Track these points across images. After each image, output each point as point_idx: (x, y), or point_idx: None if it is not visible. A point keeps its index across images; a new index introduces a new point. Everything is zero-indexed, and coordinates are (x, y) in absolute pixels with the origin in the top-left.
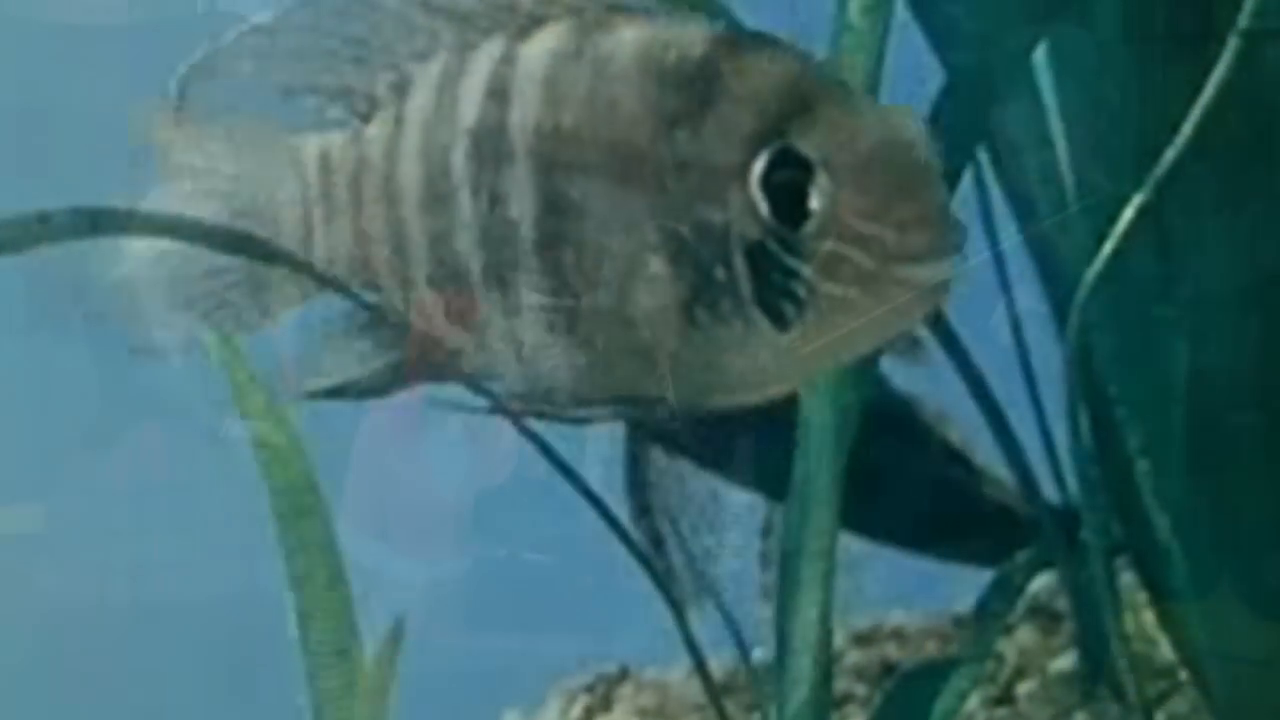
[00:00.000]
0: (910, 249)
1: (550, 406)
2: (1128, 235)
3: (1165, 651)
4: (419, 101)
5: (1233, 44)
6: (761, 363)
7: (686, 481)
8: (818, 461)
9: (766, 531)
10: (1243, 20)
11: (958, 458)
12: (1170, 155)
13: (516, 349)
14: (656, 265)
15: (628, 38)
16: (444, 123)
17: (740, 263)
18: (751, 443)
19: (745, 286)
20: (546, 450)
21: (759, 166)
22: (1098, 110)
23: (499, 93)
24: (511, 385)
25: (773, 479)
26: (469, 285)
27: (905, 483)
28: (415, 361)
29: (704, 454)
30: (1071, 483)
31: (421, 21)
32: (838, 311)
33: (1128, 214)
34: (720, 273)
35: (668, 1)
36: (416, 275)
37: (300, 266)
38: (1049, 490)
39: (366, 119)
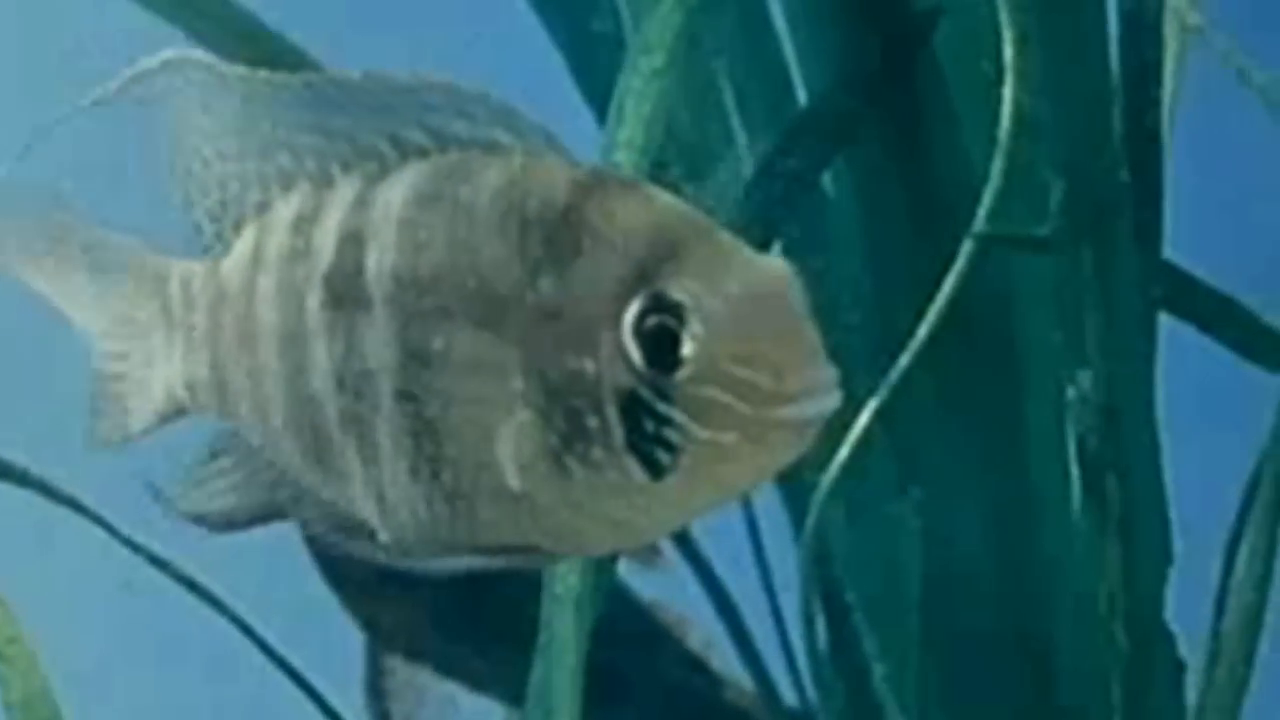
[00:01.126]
0: (786, 391)
1: (414, 558)
2: (863, 438)
3: None
4: (276, 237)
5: (967, 248)
6: (637, 510)
7: (426, 690)
8: (557, 667)
9: None
10: (977, 225)
11: (698, 664)
12: (905, 359)
13: (378, 497)
14: (524, 414)
15: (489, 181)
16: (300, 264)
17: (613, 411)
18: (494, 649)
19: (618, 435)
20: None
21: (630, 313)
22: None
23: (355, 236)
24: (376, 533)
25: (512, 685)
26: (326, 430)
27: (645, 689)
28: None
29: (444, 661)
30: (810, 688)
31: (289, 142)
32: (714, 457)
33: (863, 417)
34: (592, 421)
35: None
36: (273, 414)
37: None
38: (788, 695)
39: (219, 250)
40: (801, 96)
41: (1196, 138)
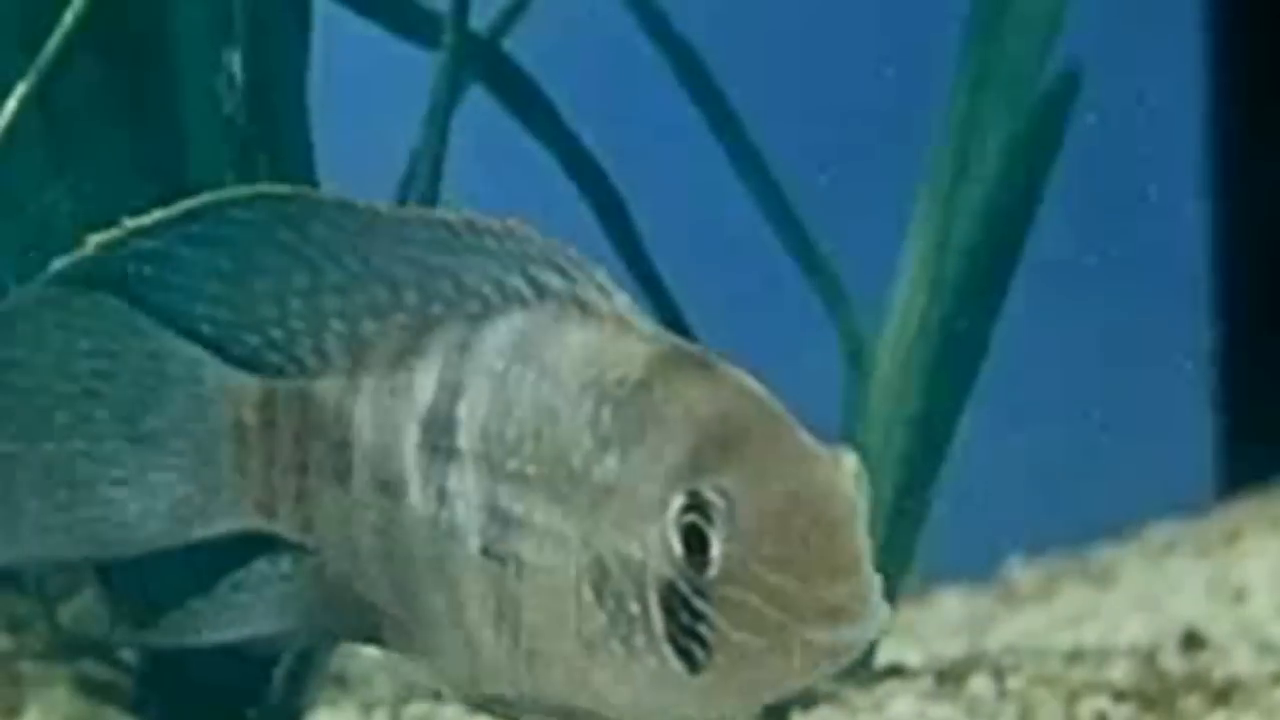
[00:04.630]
0: (817, 600)
1: (499, 706)
2: (13, 125)
3: None
4: (376, 370)
5: None
6: (671, 702)
7: None
8: None
9: None
10: None
11: None
12: (53, 43)
13: (464, 643)
14: (586, 593)
15: (574, 343)
16: (399, 402)
17: (654, 599)
18: None
19: (658, 624)
20: None
21: (674, 506)
22: None
23: (451, 384)
24: (456, 677)
25: None
26: (415, 573)
27: None
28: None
29: None
30: None
31: (386, 274)
32: (746, 661)
33: (11, 104)
34: (635, 607)
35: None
36: (365, 549)
37: None
38: None
39: (309, 372)
40: None
41: None
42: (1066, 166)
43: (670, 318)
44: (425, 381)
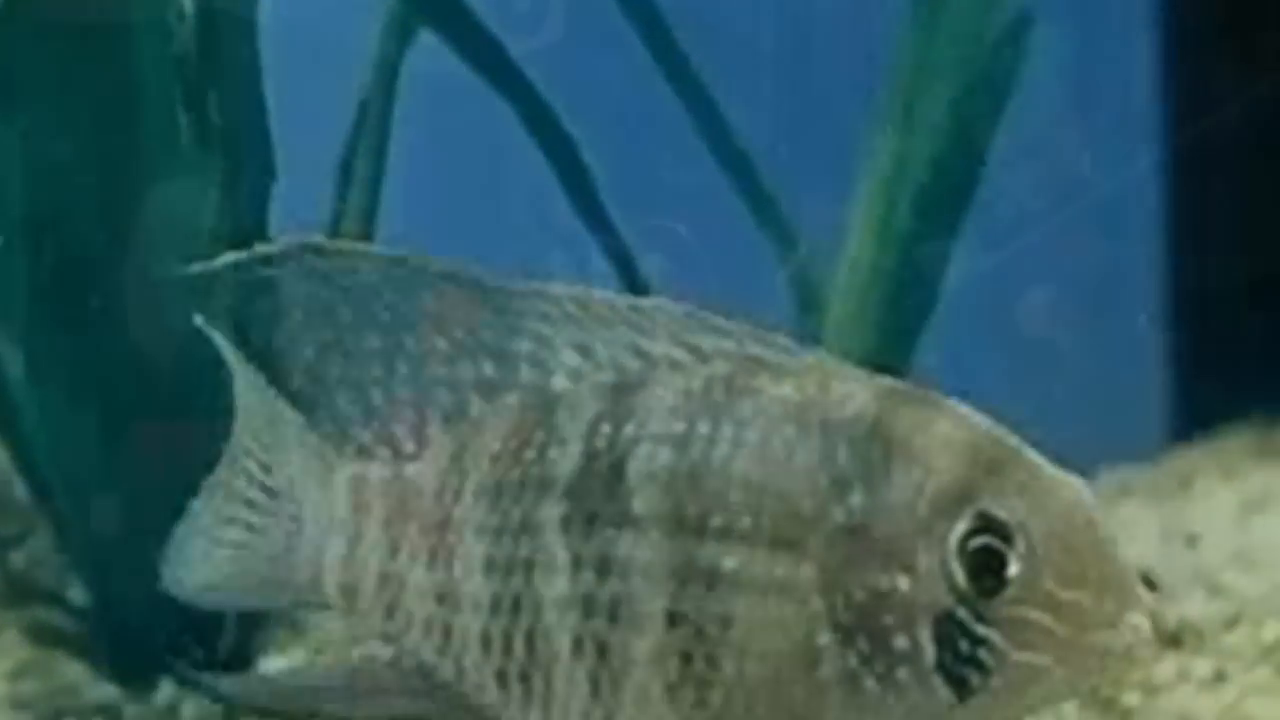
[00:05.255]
0: (1103, 614)
1: None
2: None
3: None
4: (488, 447)
5: None
6: None
7: None
8: None
9: None
10: None
11: None
12: None
13: (605, 718)
14: (825, 636)
15: (778, 394)
16: (525, 477)
17: (925, 631)
18: None
19: (929, 655)
20: None
21: (956, 533)
22: None
23: (605, 452)
24: None
25: None
26: (548, 653)
27: None
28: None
29: None
30: None
31: (494, 348)
32: (1027, 680)
33: None
34: (901, 641)
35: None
36: (466, 634)
37: None
38: None
39: (403, 454)
40: None
41: None
42: (1016, 116)
43: (625, 266)
44: (566, 453)
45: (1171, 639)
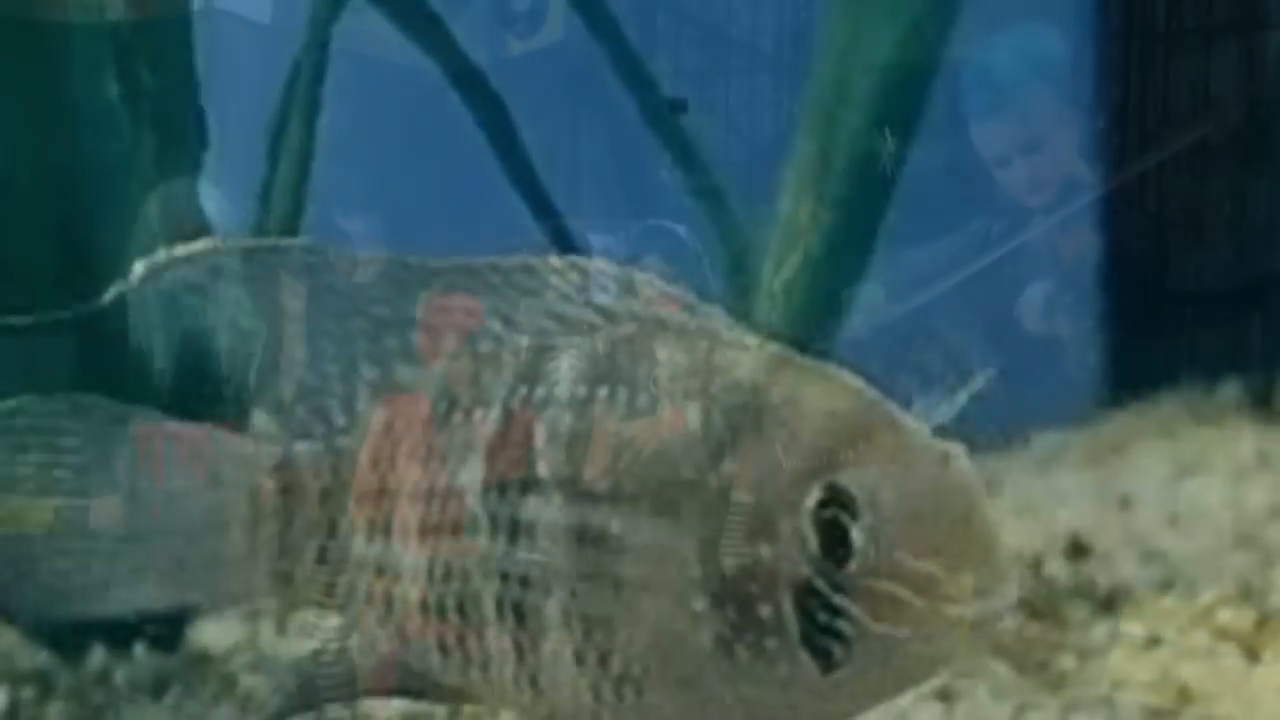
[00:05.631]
0: (961, 585)
1: None
2: None
3: None
4: (420, 413)
5: None
6: (800, 703)
7: None
8: None
9: None
10: None
11: None
12: None
13: (530, 681)
14: (700, 603)
15: (665, 358)
16: (450, 447)
17: (788, 602)
18: None
19: (793, 626)
20: None
21: (809, 502)
22: None
23: (519, 415)
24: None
25: None
26: (478, 616)
27: None
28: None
29: None
30: None
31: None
32: (888, 652)
33: None
34: (766, 611)
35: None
36: (408, 600)
37: None
38: None
39: (336, 429)
40: None
41: None
42: (945, 89)
43: (554, 227)
44: (485, 419)
45: (1105, 603)
